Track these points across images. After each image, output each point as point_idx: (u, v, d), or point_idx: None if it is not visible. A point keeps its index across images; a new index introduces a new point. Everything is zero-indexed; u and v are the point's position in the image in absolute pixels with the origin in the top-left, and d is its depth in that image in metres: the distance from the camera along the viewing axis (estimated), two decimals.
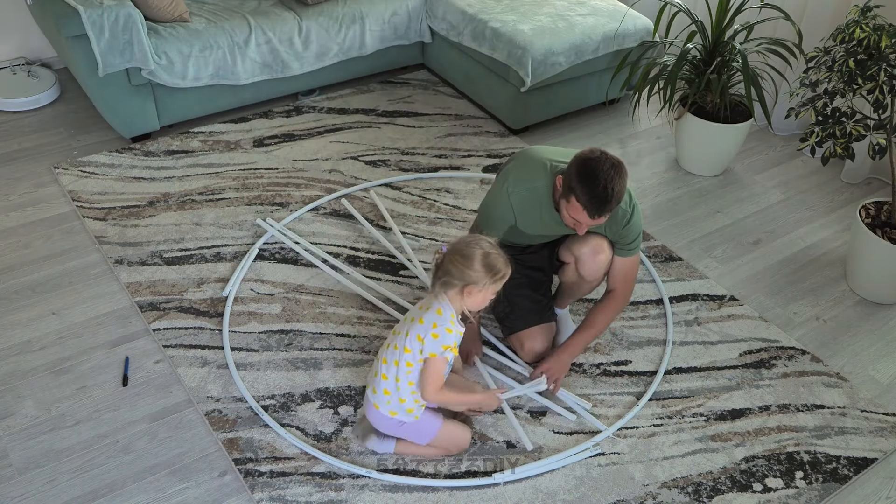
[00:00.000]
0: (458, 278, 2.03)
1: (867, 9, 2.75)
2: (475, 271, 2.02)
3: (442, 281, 2.06)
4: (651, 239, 3.21)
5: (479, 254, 2.03)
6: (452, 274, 2.03)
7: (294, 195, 3.29)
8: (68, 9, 3.14)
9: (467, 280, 2.03)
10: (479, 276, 2.03)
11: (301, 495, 2.20)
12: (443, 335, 2.07)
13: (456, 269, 2.03)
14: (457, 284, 2.04)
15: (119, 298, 2.79)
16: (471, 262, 2.02)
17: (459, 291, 2.05)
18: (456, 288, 2.05)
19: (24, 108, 3.75)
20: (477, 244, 2.05)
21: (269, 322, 2.72)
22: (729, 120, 3.49)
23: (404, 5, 3.89)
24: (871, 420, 2.53)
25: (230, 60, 3.51)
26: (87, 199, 3.21)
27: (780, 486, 2.32)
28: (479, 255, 2.03)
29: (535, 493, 2.25)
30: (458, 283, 2.04)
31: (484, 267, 2.03)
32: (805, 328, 2.87)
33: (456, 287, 2.05)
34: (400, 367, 2.13)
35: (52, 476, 2.22)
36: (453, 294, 2.07)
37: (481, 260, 2.03)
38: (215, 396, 2.46)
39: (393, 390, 2.16)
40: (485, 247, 2.05)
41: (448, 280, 2.05)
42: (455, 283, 2.04)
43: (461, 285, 2.04)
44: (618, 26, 3.69)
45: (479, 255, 2.03)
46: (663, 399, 2.56)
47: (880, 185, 3.62)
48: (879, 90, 2.62)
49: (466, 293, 2.05)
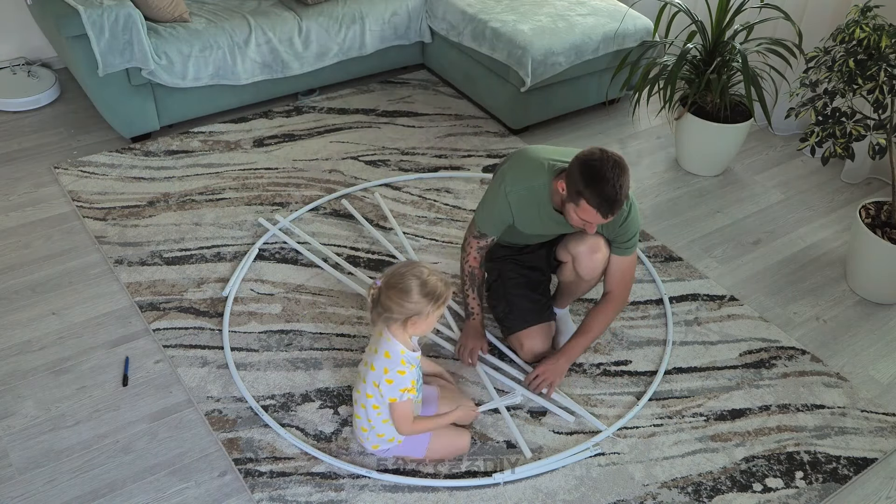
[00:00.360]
0: (398, 313, 2.00)
1: (867, 9, 2.75)
2: (415, 303, 1.99)
3: (384, 317, 2.03)
4: (651, 239, 3.21)
5: (415, 284, 1.99)
6: (392, 309, 2.00)
7: (294, 195, 3.29)
8: (68, 9, 3.14)
9: (408, 313, 2.00)
10: (421, 307, 2.00)
11: (301, 495, 2.20)
12: (397, 380, 2.05)
13: (395, 304, 1.99)
14: (398, 318, 2.01)
15: (119, 298, 2.79)
16: (409, 295, 1.98)
17: (402, 325, 2.03)
18: (398, 322, 2.02)
19: (24, 108, 3.75)
20: (411, 274, 2.01)
21: (269, 322, 2.72)
22: (729, 120, 3.49)
23: (404, 5, 3.89)
24: (871, 420, 2.53)
25: (230, 60, 3.51)
26: (87, 199, 3.21)
27: (780, 486, 2.32)
28: (416, 285, 1.99)
29: (535, 493, 2.25)
30: (399, 318, 2.01)
31: (424, 297, 1.99)
32: (805, 328, 2.87)
33: (398, 321, 2.02)
34: (368, 409, 2.15)
35: (52, 476, 2.22)
36: (396, 328, 2.04)
37: (419, 290, 1.99)
38: (215, 396, 2.46)
39: (368, 427, 2.19)
40: (420, 274, 2.01)
41: (389, 315, 2.02)
42: (396, 317, 2.01)
43: (402, 318, 2.01)
44: (618, 26, 3.69)
45: (415, 285, 1.99)
46: (663, 399, 2.56)
47: (880, 185, 3.62)
48: (879, 90, 2.62)
49: (410, 324, 2.03)
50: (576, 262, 2.47)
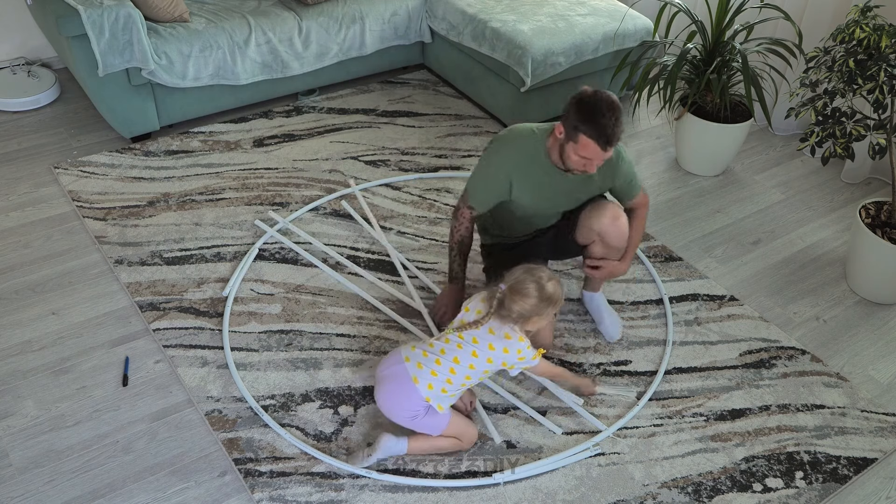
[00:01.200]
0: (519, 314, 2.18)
1: (867, 9, 2.75)
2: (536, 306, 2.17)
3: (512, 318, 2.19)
4: (651, 239, 3.21)
5: (533, 289, 2.17)
6: (513, 310, 2.18)
7: (294, 195, 3.29)
8: (68, 9, 3.14)
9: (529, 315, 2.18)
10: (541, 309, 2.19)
11: (301, 495, 2.20)
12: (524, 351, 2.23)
13: (517, 306, 2.17)
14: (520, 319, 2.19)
15: (119, 298, 2.79)
16: (528, 299, 2.17)
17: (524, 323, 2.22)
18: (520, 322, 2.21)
19: (24, 108, 3.75)
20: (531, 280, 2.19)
21: (269, 322, 2.72)
22: (729, 120, 3.49)
23: (404, 5, 3.89)
24: (871, 420, 2.53)
25: (230, 60, 3.51)
26: (87, 199, 3.21)
27: (780, 486, 2.32)
28: (535, 290, 2.17)
29: (535, 493, 2.25)
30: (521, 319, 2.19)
31: (542, 301, 2.18)
32: (805, 328, 2.87)
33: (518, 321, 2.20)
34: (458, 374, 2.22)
35: (52, 476, 2.22)
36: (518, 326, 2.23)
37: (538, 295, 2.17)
38: (215, 396, 2.46)
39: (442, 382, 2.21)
40: (538, 278, 2.19)
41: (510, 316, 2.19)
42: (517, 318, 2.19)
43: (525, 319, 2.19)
44: (618, 26, 3.69)
45: (534, 290, 2.17)
46: (663, 399, 2.56)
47: (880, 185, 3.62)
48: (879, 90, 2.62)
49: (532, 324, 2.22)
50: (603, 237, 2.54)
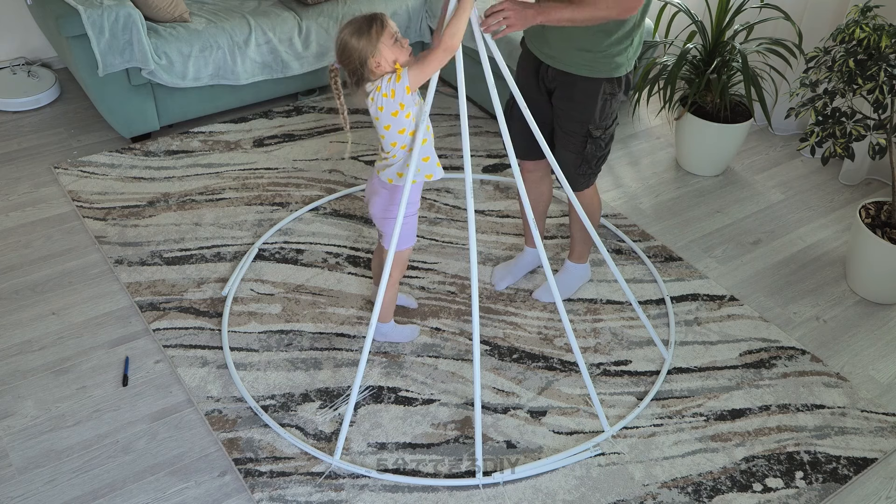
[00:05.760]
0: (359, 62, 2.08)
1: (867, 9, 2.75)
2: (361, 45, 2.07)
3: (362, 79, 2.12)
4: (651, 239, 3.21)
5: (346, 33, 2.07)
6: (357, 66, 2.09)
7: (294, 195, 3.29)
8: (68, 9, 3.14)
9: (364, 57, 2.08)
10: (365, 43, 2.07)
11: (301, 495, 2.20)
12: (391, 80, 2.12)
13: (350, 60, 2.08)
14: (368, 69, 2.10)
15: (119, 298, 2.79)
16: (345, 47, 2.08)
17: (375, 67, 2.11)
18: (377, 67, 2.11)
19: (24, 108, 3.75)
20: (337, 36, 2.10)
21: (269, 322, 2.72)
22: (729, 120, 3.49)
23: (404, 5, 3.89)
24: (871, 420, 2.53)
25: (230, 60, 3.51)
26: (87, 199, 3.21)
27: (780, 486, 2.32)
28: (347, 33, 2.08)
29: (535, 493, 2.25)
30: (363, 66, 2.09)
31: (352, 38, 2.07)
32: (805, 328, 2.87)
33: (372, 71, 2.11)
34: (386, 138, 2.21)
35: (52, 476, 2.22)
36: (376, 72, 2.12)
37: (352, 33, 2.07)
38: (215, 396, 2.46)
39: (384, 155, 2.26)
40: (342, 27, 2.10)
41: (362, 73, 2.10)
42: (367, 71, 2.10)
43: (374, 61, 2.09)
44: None
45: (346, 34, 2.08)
46: (663, 399, 2.56)
47: (880, 185, 3.62)
48: (879, 90, 2.62)
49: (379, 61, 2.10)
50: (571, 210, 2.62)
